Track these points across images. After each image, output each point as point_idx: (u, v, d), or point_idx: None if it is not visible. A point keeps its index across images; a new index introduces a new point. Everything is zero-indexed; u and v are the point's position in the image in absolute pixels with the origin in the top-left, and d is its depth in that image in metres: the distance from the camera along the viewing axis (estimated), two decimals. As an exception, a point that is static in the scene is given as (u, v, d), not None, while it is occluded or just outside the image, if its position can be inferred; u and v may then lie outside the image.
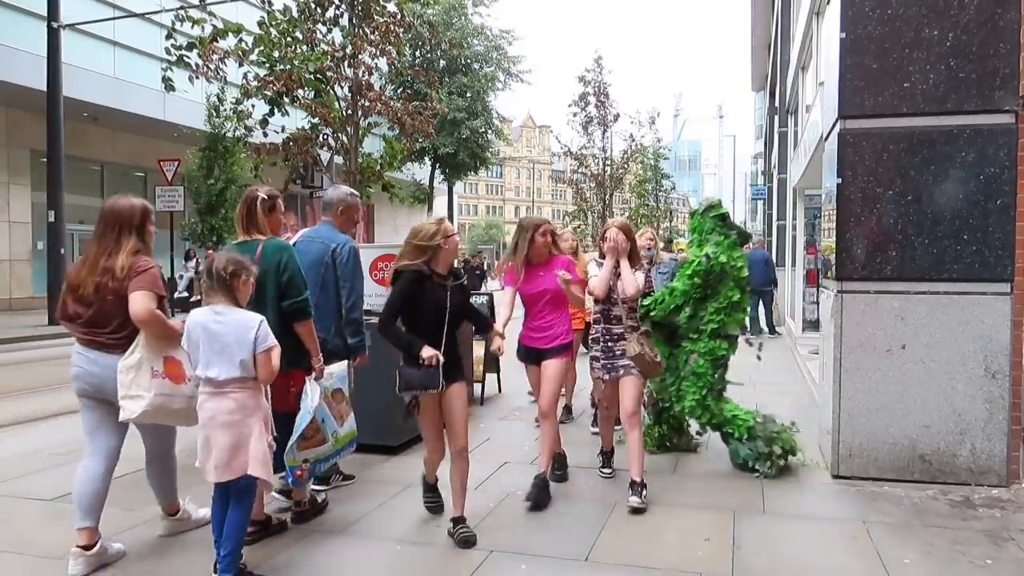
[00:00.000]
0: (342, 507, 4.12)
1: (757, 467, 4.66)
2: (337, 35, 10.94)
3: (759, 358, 5.45)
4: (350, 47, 10.55)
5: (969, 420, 4.45)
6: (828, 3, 7.09)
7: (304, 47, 10.53)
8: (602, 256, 4.47)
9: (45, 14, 11.11)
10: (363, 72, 10.72)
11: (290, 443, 3.51)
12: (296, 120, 10.84)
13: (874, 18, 4.57)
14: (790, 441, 4.74)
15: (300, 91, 10.36)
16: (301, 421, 3.52)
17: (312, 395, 3.58)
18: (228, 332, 3.02)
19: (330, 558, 3.48)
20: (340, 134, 10.74)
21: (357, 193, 4.56)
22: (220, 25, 10.39)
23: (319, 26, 10.57)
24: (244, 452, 3.02)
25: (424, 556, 3.51)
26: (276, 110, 10.43)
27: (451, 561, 3.43)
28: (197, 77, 10.30)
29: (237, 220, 3.72)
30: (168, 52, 10.39)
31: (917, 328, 4.52)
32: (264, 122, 10.56)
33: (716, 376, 4.90)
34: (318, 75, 10.48)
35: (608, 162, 23.37)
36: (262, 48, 10.35)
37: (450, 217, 25.99)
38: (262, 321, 3.09)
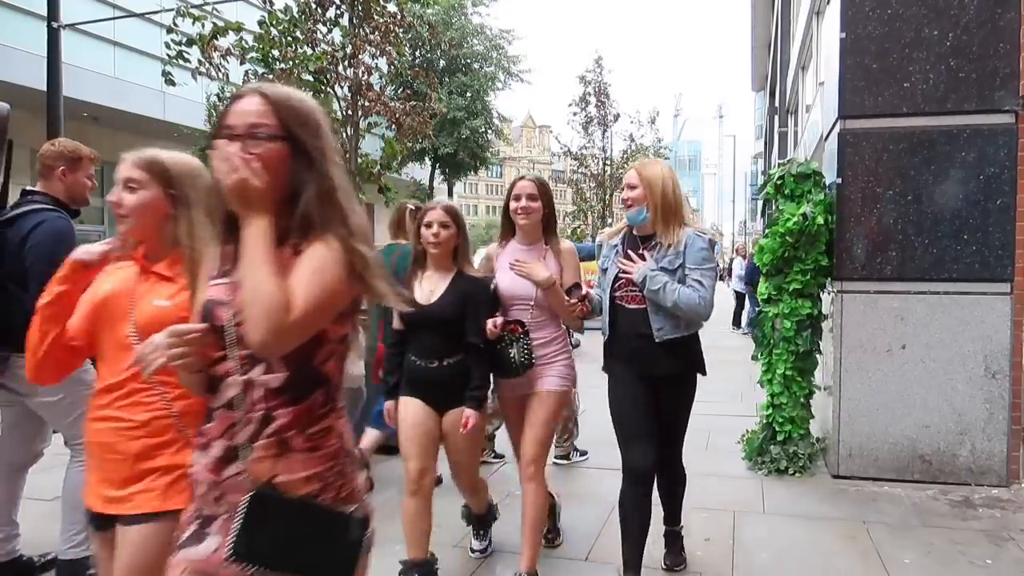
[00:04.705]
0: (342, 507, 4.12)
1: (788, 468, 4.70)
2: (337, 35, 10.92)
3: (755, 358, 5.45)
4: (350, 47, 10.54)
5: (969, 420, 4.45)
6: (828, 3, 7.09)
7: (305, 47, 10.52)
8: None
9: (45, 14, 11.08)
10: (363, 72, 10.70)
11: None
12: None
13: (874, 18, 4.57)
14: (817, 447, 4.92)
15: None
16: None
17: None
18: None
19: (330, 558, 3.47)
20: (339, 134, 10.74)
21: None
22: (220, 23, 10.38)
23: (319, 26, 10.55)
24: None
25: (424, 556, 3.50)
26: None
27: (451, 561, 3.43)
28: (195, 79, 10.28)
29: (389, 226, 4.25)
30: (168, 47, 10.36)
31: (917, 328, 4.52)
32: None
33: (804, 338, 4.76)
34: (317, 75, 10.46)
35: (608, 162, 23.34)
36: (260, 47, 10.33)
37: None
38: None
